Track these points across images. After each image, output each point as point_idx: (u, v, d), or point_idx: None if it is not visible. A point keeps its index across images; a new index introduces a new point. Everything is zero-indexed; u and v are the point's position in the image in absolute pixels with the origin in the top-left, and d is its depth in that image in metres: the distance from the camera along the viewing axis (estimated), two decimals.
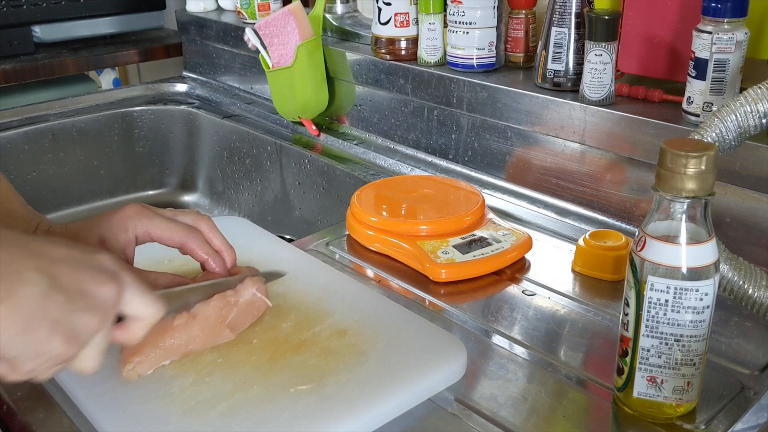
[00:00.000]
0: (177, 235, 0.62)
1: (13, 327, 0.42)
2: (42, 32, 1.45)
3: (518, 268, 0.78)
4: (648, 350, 0.53)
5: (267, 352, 0.60)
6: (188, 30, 1.50)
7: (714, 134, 0.61)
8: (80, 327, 0.45)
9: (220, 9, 1.48)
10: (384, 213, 0.83)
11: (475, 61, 0.98)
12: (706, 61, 0.74)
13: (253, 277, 0.64)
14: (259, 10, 1.32)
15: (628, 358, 0.54)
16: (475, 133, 0.99)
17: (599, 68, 0.82)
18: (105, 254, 0.48)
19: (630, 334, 0.53)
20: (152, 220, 0.61)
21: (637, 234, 0.52)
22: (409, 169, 1.07)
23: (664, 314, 0.51)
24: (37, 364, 0.44)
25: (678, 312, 0.51)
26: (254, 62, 1.36)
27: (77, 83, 1.53)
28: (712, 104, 0.75)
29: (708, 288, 0.50)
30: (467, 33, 0.97)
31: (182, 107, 1.42)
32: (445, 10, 1.01)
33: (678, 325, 0.51)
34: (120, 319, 0.49)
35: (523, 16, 0.98)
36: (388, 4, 1.04)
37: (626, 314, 0.53)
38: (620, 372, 0.55)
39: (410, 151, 1.10)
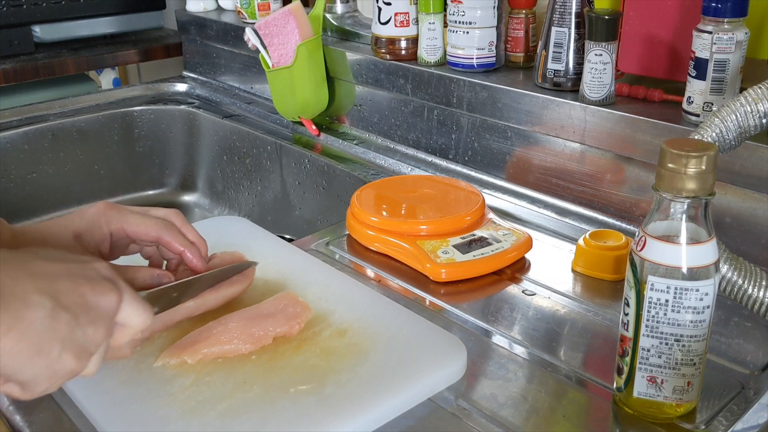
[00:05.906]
0: (152, 229, 0.61)
1: (25, 351, 0.42)
2: (42, 32, 1.45)
3: (518, 268, 0.78)
4: (648, 350, 0.53)
5: (267, 352, 0.60)
6: (188, 30, 1.50)
7: (714, 134, 0.61)
8: (89, 340, 0.45)
9: (220, 9, 1.48)
10: (384, 213, 0.83)
11: (475, 61, 0.98)
12: (706, 61, 0.74)
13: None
14: (259, 10, 1.32)
15: (628, 358, 0.54)
16: (475, 133, 0.99)
17: (599, 68, 0.82)
18: (100, 262, 0.49)
19: (630, 334, 0.53)
20: (125, 216, 0.61)
21: (637, 234, 0.52)
22: (409, 169, 1.07)
23: (664, 314, 0.51)
24: (51, 383, 0.45)
25: (678, 312, 0.51)
26: (254, 62, 1.36)
27: (77, 83, 1.53)
28: (712, 104, 0.75)
29: (708, 288, 0.50)
30: (467, 33, 0.97)
31: (182, 107, 1.42)
32: (445, 10, 1.01)
33: (678, 325, 0.51)
34: None
35: (523, 15, 0.98)
36: (388, 3, 1.04)
37: (626, 314, 0.53)
38: (620, 372, 0.55)
39: (410, 151, 1.09)
